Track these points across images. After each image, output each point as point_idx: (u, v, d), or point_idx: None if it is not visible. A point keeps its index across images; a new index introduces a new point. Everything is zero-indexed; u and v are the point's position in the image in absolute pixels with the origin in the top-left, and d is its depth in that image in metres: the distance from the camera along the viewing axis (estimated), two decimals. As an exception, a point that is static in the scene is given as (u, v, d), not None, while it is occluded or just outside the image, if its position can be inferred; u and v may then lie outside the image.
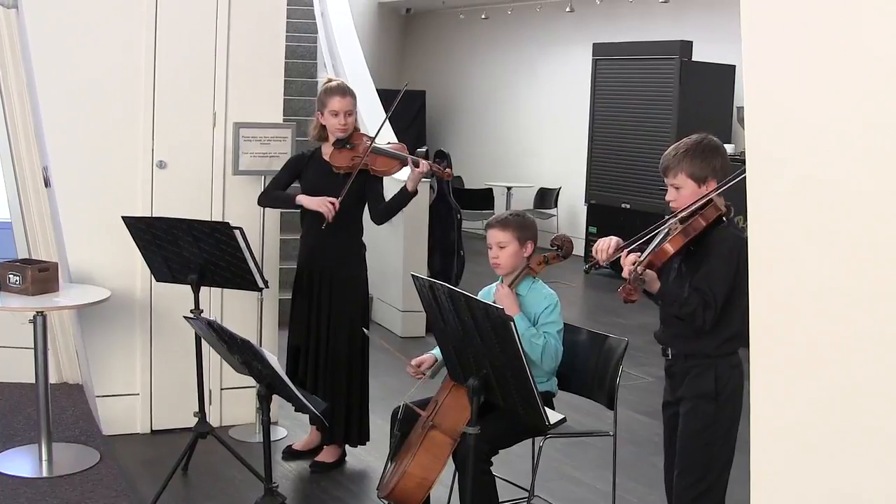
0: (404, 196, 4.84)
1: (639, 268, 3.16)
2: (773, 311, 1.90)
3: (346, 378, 4.88)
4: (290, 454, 5.09)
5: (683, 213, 3.32)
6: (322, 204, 4.71)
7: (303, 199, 4.82)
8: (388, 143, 5.07)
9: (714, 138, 3.44)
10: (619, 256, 3.38)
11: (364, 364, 4.97)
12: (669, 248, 3.25)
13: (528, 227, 4.05)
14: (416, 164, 4.79)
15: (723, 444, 3.40)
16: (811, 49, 1.78)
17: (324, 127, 4.90)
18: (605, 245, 3.46)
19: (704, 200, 3.30)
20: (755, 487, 1.96)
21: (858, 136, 1.70)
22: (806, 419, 1.86)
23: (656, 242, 3.30)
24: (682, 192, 3.40)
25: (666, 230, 3.36)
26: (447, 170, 4.99)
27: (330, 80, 4.97)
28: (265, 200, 5.08)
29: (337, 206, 4.70)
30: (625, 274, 3.19)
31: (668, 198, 3.46)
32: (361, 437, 5.01)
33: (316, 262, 4.90)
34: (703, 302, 3.25)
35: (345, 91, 4.85)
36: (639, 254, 3.26)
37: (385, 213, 4.91)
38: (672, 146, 3.47)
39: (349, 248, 4.91)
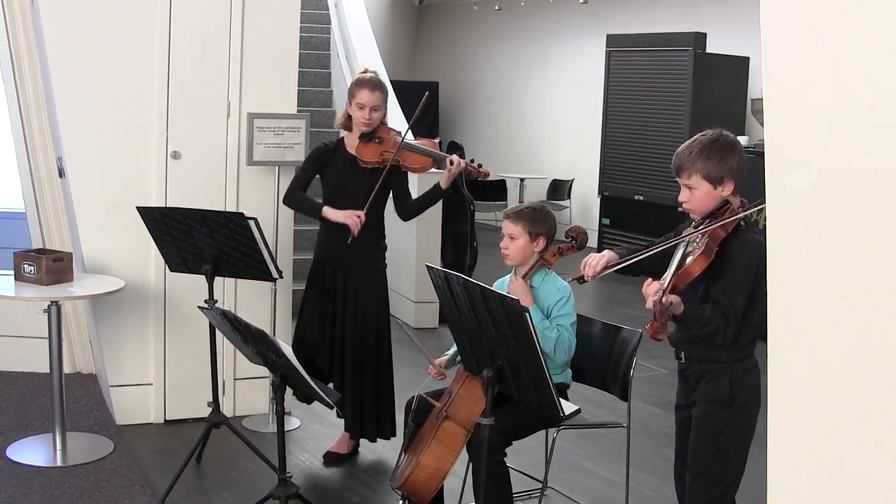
0: (437, 193, 4.78)
1: (664, 298, 2.99)
2: (791, 309, 1.89)
3: (375, 372, 4.85)
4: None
5: (702, 228, 3.19)
6: (348, 217, 4.64)
7: (328, 213, 4.72)
8: (418, 138, 4.97)
9: (730, 135, 3.30)
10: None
11: (389, 358, 4.93)
12: (694, 270, 3.10)
13: (542, 221, 4.00)
14: (452, 163, 4.68)
15: (737, 449, 3.31)
16: (832, 42, 1.76)
17: (350, 117, 4.82)
18: (595, 261, 3.34)
19: (725, 215, 3.18)
20: (772, 488, 1.95)
21: (883, 133, 1.68)
22: (824, 419, 1.85)
23: (676, 262, 3.15)
24: (696, 193, 3.26)
25: (685, 244, 3.22)
26: (482, 169, 4.88)
27: (365, 71, 4.85)
28: (291, 202, 4.93)
29: (363, 218, 4.63)
30: (649, 305, 3.01)
31: (681, 198, 3.33)
32: (392, 432, 4.96)
33: (338, 257, 4.82)
34: (724, 319, 3.13)
35: (374, 85, 4.73)
36: (661, 283, 3.06)
37: (415, 209, 4.86)
38: (685, 144, 3.31)
39: (371, 242, 4.84)
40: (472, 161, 4.88)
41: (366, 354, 4.82)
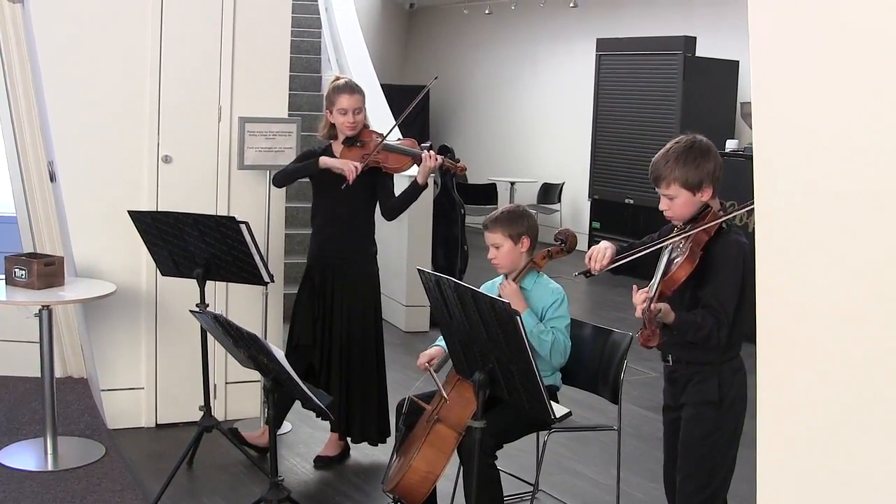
0: (415, 189, 4.82)
1: (652, 305, 3.00)
2: (780, 312, 1.90)
3: (361, 375, 4.87)
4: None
5: (686, 231, 3.21)
6: (345, 163, 4.70)
7: (326, 161, 4.79)
8: (398, 139, 5.05)
9: (703, 139, 3.31)
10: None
11: (380, 362, 4.95)
12: (680, 276, 3.12)
13: (519, 221, 4.01)
14: (429, 157, 4.73)
15: (726, 450, 3.33)
16: (820, 46, 1.78)
17: (333, 125, 4.88)
18: (600, 255, 3.35)
19: (707, 219, 3.20)
20: (761, 489, 1.96)
21: (869, 136, 1.69)
22: (813, 421, 1.86)
23: (662, 268, 3.17)
24: (677, 201, 3.29)
25: (669, 249, 3.25)
26: (460, 163, 4.99)
27: (338, 78, 4.95)
28: (282, 177, 4.94)
29: (360, 169, 4.68)
30: (638, 314, 3.03)
31: (661, 207, 3.35)
32: (382, 434, 4.96)
33: (328, 259, 4.88)
34: (717, 322, 3.14)
35: (353, 89, 4.83)
36: (647, 291, 3.07)
37: (396, 207, 4.88)
38: (660, 153, 3.33)
39: (361, 245, 4.90)
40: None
41: (353, 357, 4.85)
